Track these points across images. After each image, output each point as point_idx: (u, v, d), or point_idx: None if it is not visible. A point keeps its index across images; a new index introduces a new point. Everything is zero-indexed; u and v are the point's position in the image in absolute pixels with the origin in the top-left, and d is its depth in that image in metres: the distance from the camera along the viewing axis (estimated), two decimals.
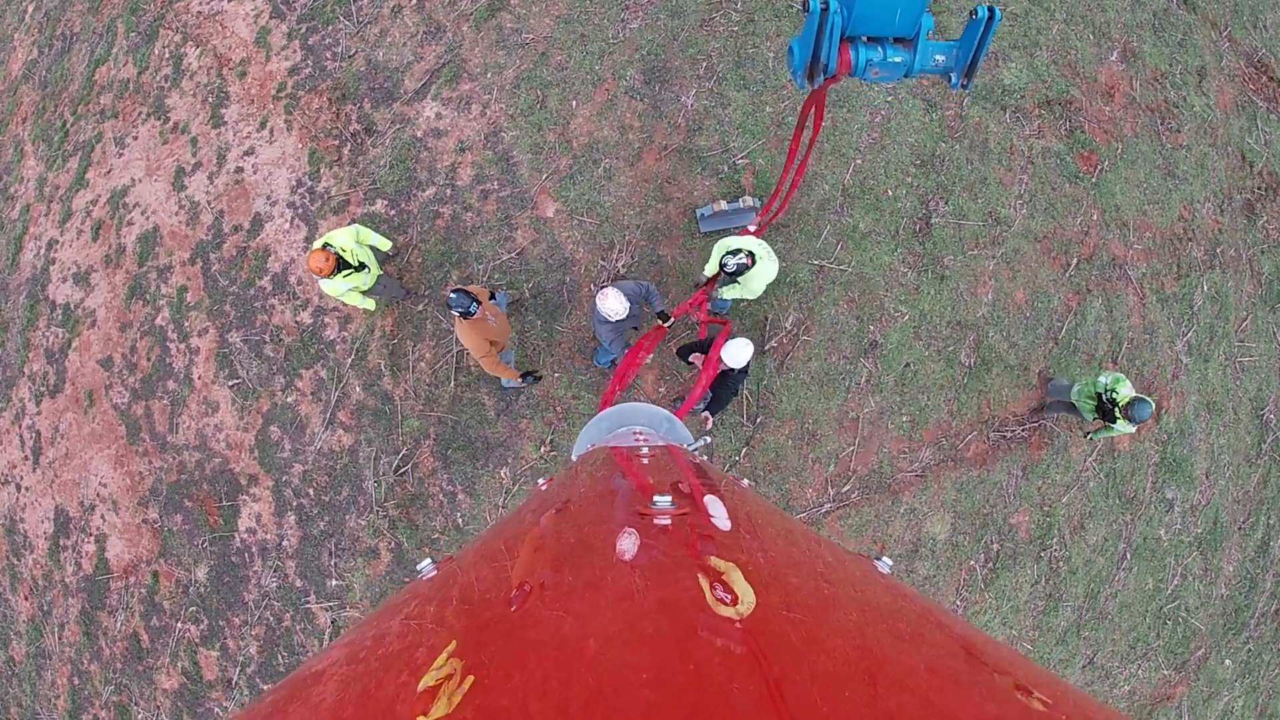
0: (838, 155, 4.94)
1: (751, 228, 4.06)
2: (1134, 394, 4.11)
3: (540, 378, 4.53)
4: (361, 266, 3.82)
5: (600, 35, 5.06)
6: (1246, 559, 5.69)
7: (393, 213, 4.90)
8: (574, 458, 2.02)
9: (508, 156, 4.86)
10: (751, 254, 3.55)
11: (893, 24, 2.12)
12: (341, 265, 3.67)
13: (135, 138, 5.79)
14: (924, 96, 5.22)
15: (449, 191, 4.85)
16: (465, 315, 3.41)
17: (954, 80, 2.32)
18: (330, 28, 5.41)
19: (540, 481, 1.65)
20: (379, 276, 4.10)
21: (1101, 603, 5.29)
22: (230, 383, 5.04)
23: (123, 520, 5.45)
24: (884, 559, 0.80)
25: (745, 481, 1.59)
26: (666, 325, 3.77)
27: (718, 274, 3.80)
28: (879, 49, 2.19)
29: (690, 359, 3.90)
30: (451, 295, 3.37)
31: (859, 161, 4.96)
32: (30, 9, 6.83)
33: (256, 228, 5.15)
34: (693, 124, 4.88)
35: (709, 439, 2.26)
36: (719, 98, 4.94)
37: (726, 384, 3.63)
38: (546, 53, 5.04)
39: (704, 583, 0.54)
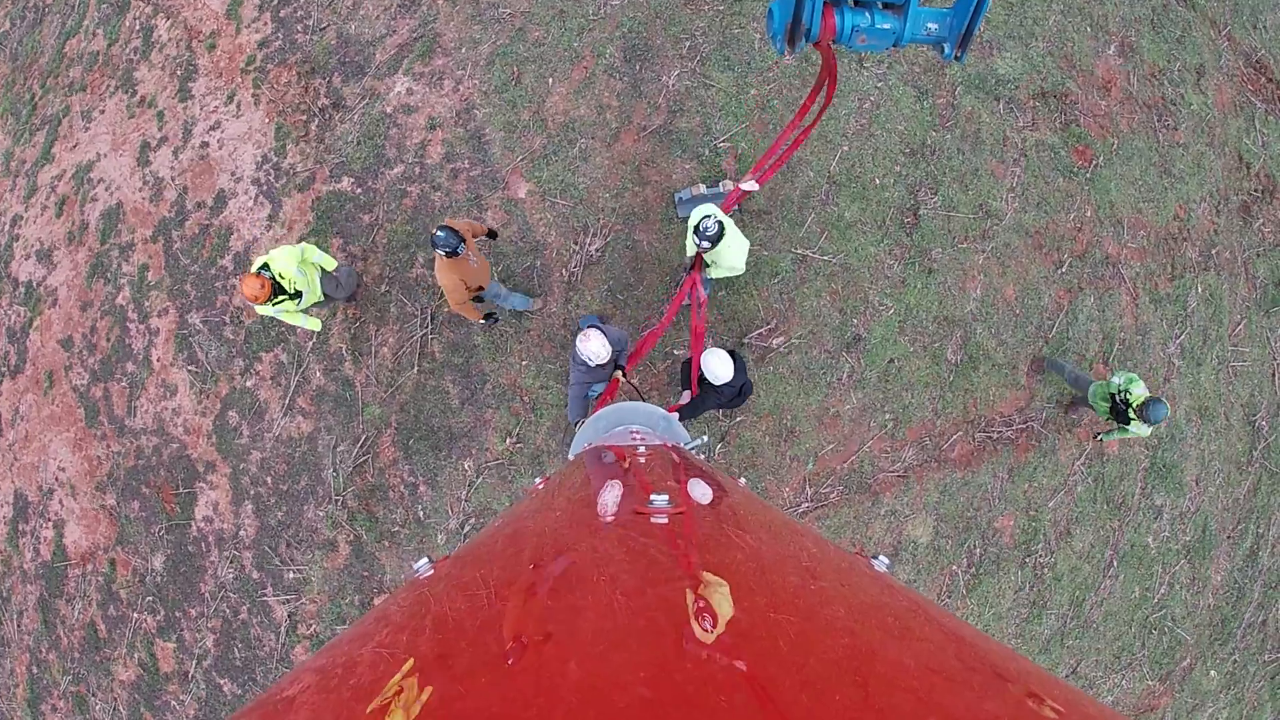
0: (824, 141, 4.59)
1: (745, 184, 3.70)
2: (1148, 394, 3.80)
3: (498, 320, 4.14)
4: (297, 295, 3.49)
5: (580, 11, 4.69)
6: (1234, 568, 5.37)
7: (359, 191, 4.55)
8: (570, 456, 1.98)
9: (479, 135, 4.51)
10: (720, 222, 3.24)
11: None
12: (277, 291, 3.36)
13: (102, 111, 5.42)
14: (915, 84, 4.87)
15: (418, 170, 4.50)
16: (451, 254, 3.13)
17: (947, 51, 2.07)
18: (302, 0, 5.05)
19: (537, 480, 1.59)
20: (333, 273, 3.77)
21: (1087, 611, 4.97)
22: (189, 366, 4.69)
23: (80, 506, 5.11)
24: (880, 558, 0.77)
25: (742, 481, 1.57)
26: (621, 379, 3.38)
27: (698, 256, 3.47)
28: (866, 15, 1.96)
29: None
30: (438, 233, 3.08)
31: (846, 148, 4.61)
32: None
33: (220, 205, 4.79)
34: (674, 105, 4.53)
35: (706, 438, 2.20)
36: (702, 79, 4.58)
37: (709, 397, 3.28)
38: (523, 28, 4.68)
39: (690, 600, 0.52)
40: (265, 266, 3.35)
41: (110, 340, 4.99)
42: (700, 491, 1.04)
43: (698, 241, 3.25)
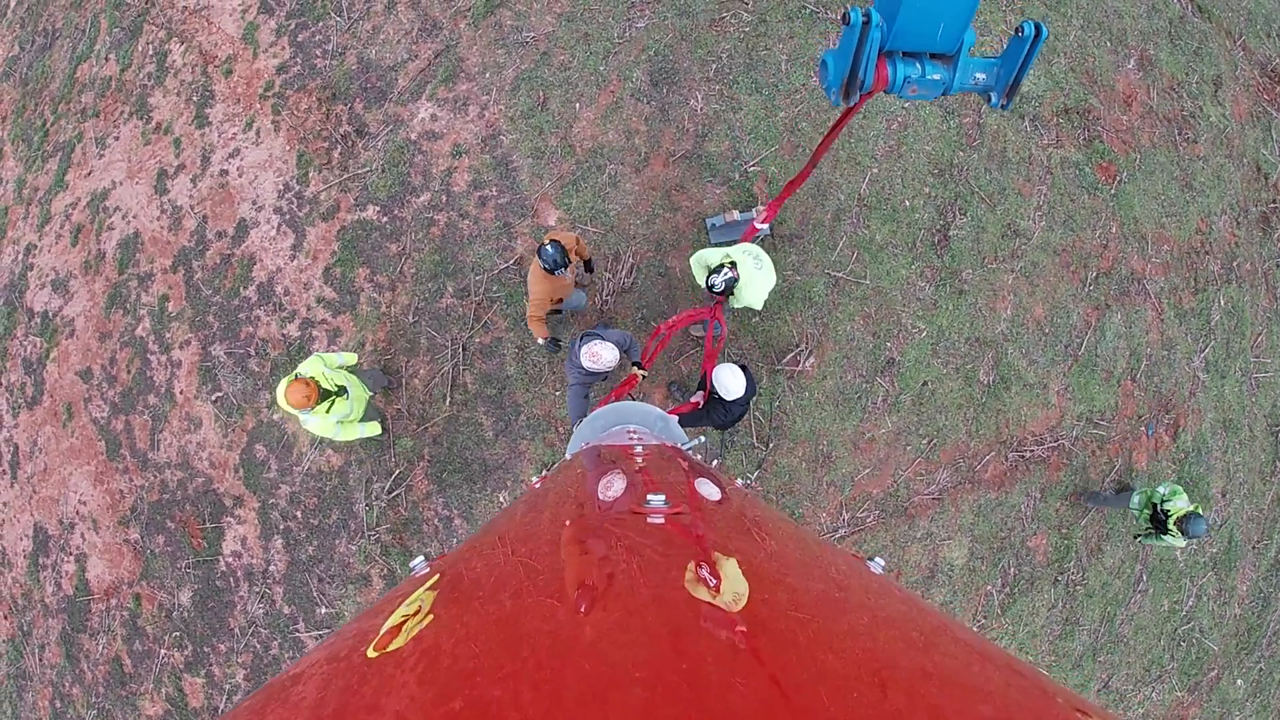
0: (854, 164, 4.47)
1: (759, 224, 3.59)
2: (1189, 507, 3.81)
3: (561, 346, 3.97)
4: (341, 390, 3.33)
5: (605, 34, 4.55)
6: (1260, 578, 5.31)
7: (385, 220, 4.39)
8: (568, 455, 1.93)
9: (507, 161, 4.36)
10: (734, 263, 3.07)
11: (934, 39, 1.88)
12: (323, 395, 3.19)
13: (116, 138, 5.24)
14: (941, 103, 4.76)
15: (444, 198, 4.35)
16: (550, 271, 3.08)
17: (994, 100, 2.08)
18: (321, 24, 4.88)
19: (534, 479, 1.58)
20: (358, 367, 3.61)
21: (1118, 626, 4.89)
22: (213, 398, 4.53)
23: (103, 540, 4.94)
24: (876, 559, 0.76)
25: (739, 481, 1.56)
26: (641, 375, 3.25)
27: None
28: (917, 65, 1.95)
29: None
30: (548, 247, 3.02)
31: (875, 170, 4.50)
32: (12, 4, 6.23)
33: (241, 234, 4.63)
34: (702, 129, 4.40)
35: (704, 438, 2.20)
36: (730, 101, 4.45)
37: (716, 412, 3.15)
38: (548, 52, 4.53)
39: (690, 569, 0.51)
40: (297, 375, 3.18)
41: (131, 372, 4.81)
42: (708, 490, 0.99)
43: (708, 289, 3.09)
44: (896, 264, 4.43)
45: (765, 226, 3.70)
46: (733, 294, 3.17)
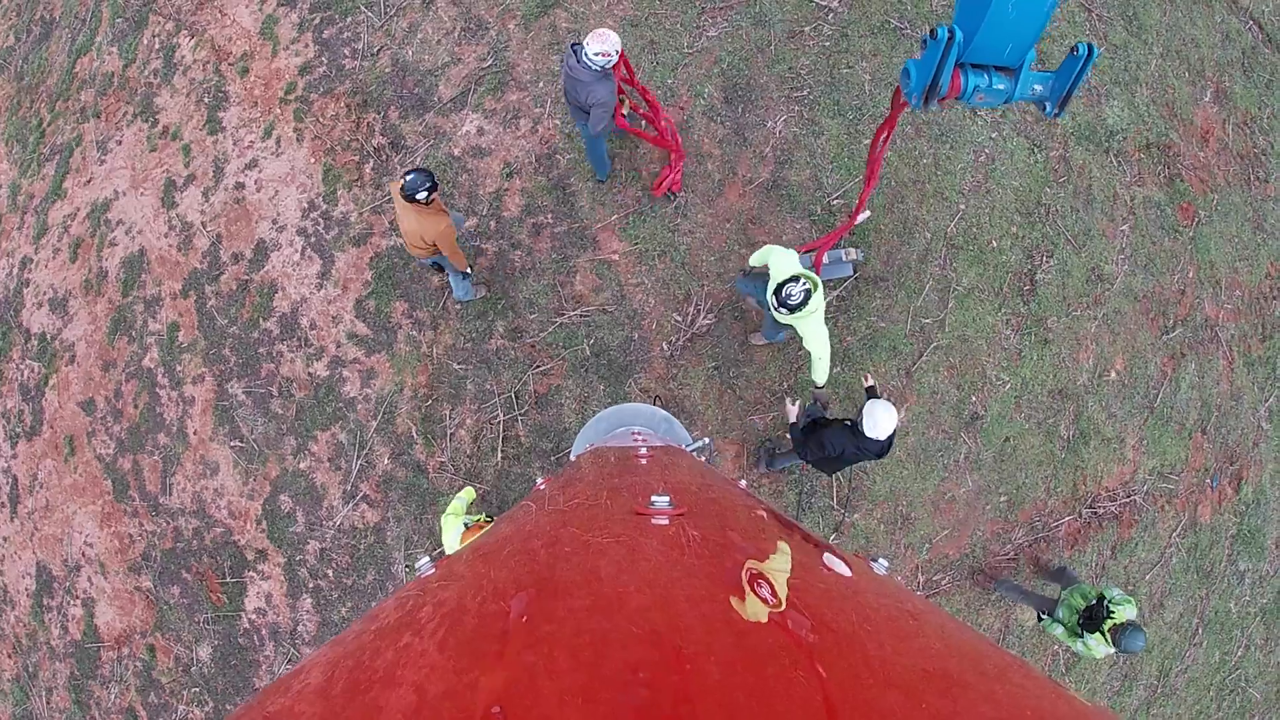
0: (940, 199, 3.70)
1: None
2: (1133, 619, 2.92)
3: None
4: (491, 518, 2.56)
5: (673, 43, 3.68)
6: None
7: None
8: (573, 457, 1.82)
9: (564, 184, 3.50)
10: (807, 290, 2.37)
11: (1002, 55, 2.02)
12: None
13: (119, 142, 4.25)
14: (1027, 134, 3.99)
15: (493, 224, 3.49)
16: (410, 198, 2.47)
17: (1048, 109, 2.17)
18: (349, 19, 3.92)
19: (539, 481, 1.47)
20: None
21: (1172, 679, 4.35)
22: (232, 442, 3.68)
23: (112, 586, 4.11)
24: (880, 560, 0.70)
25: (743, 482, 1.54)
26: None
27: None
28: (985, 76, 2.05)
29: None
30: (410, 174, 2.43)
31: (963, 207, 3.73)
32: None
33: (260, 257, 3.73)
34: (781, 155, 3.57)
35: (708, 440, 1.94)
36: (810, 125, 3.63)
37: (838, 440, 2.48)
38: None
39: (744, 572, 0.47)
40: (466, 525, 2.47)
41: (138, 407, 3.93)
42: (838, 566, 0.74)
43: (775, 305, 2.39)
44: (983, 310, 3.70)
45: (858, 255, 3.23)
46: (801, 310, 2.40)
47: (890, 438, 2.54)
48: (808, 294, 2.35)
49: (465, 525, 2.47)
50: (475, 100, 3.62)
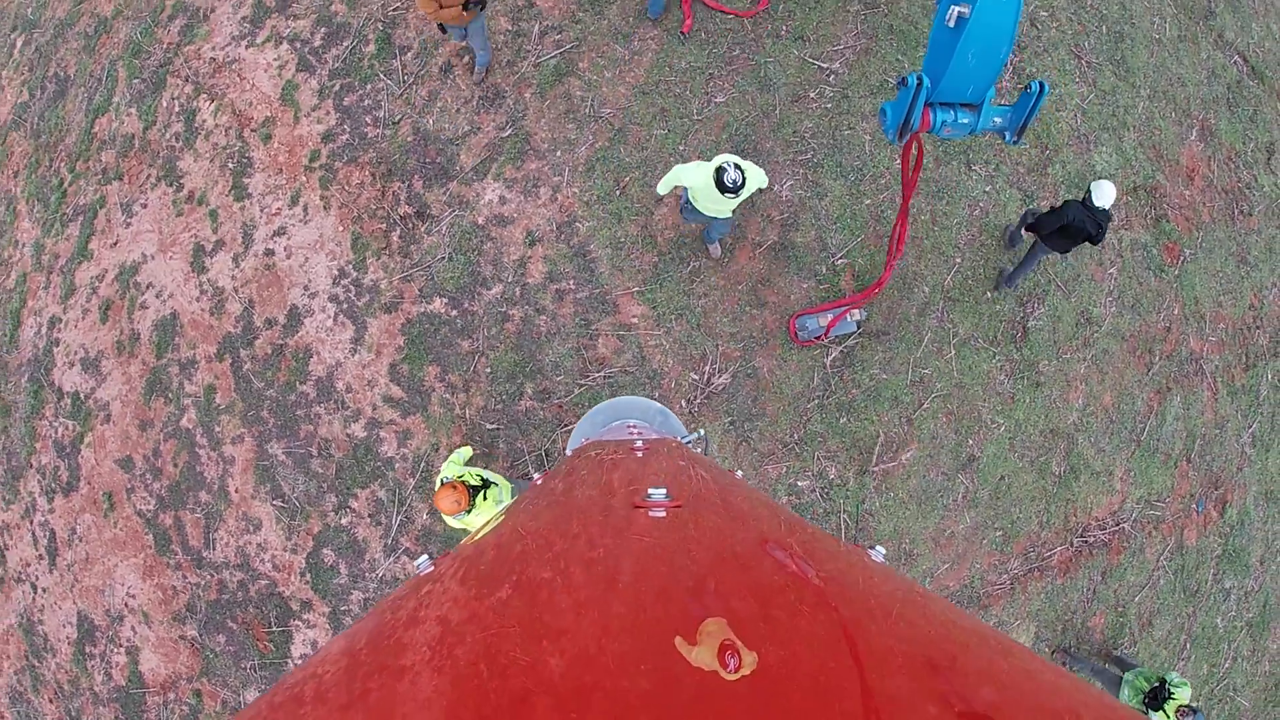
0: (938, 254, 4.12)
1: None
2: (1193, 702, 3.61)
3: (447, 32, 3.56)
4: (486, 484, 2.96)
5: (683, 110, 4.06)
6: None
7: (454, 313, 3.92)
8: (568, 452, 1.91)
9: (584, 251, 3.90)
10: (735, 164, 2.85)
11: (965, 95, 2.45)
12: (473, 492, 2.85)
13: (144, 205, 4.59)
14: (1020, 185, 4.41)
15: (518, 291, 3.89)
16: None
17: (1008, 137, 2.62)
18: (369, 86, 4.27)
19: (536, 476, 1.54)
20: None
21: None
22: (274, 500, 4.08)
23: (156, 634, 4.51)
24: (877, 548, 0.73)
25: (739, 472, 1.52)
26: None
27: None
28: (951, 112, 2.50)
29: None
30: None
31: (959, 260, 4.16)
32: (19, 43, 5.40)
33: (294, 323, 4.11)
34: (787, 217, 3.98)
35: (702, 432, 2.09)
36: (814, 187, 4.03)
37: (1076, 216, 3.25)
38: (623, 128, 4.03)
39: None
40: (445, 480, 2.84)
41: (178, 465, 4.32)
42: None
43: (722, 193, 2.84)
44: (978, 358, 4.14)
45: (858, 313, 3.75)
46: (744, 188, 2.91)
47: (1108, 214, 3.20)
48: (742, 173, 2.82)
49: (442, 481, 2.86)
50: (496, 169, 4.00)
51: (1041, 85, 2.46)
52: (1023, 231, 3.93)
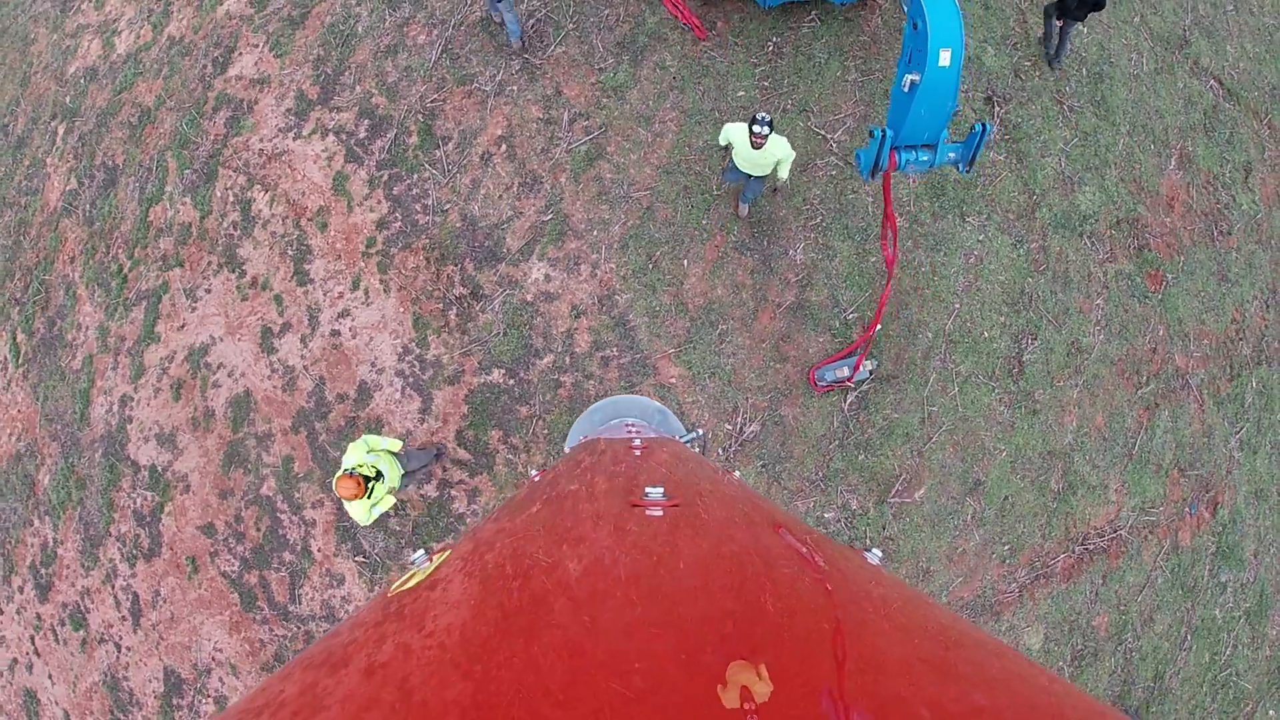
0: (939, 301, 5.19)
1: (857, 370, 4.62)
2: None
3: None
4: (378, 475, 3.98)
5: (703, 186, 5.11)
6: None
7: (511, 382, 4.96)
8: (566, 449, 2.03)
9: (624, 321, 4.95)
10: (769, 119, 3.95)
11: (923, 138, 3.45)
12: (366, 481, 3.88)
13: (208, 290, 5.60)
14: (1010, 231, 5.48)
15: (568, 359, 4.94)
16: None
17: (960, 169, 3.59)
18: (415, 176, 5.29)
19: (534, 473, 1.68)
20: (400, 453, 4.32)
21: (1167, 681, 5.97)
22: (355, 557, 5.12)
23: (244, 683, 5.54)
24: (874, 550, 0.85)
25: (736, 473, 1.63)
26: None
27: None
28: (913, 152, 3.51)
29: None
30: None
31: (958, 306, 5.23)
32: (61, 131, 6.38)
33: (364, 397, 5.14)
34: (802, 279, 5.04)
35: (700, 431, 2.20)
36: (825, 249, 5.09)
37: None
38: (651, 207, 5.08)
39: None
40: (347, 470, 3.80)
41: (260, 529, 5.34)
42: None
43: (753, 142, 4.00)
44: (979, 393, 5.22)
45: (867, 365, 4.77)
46: (772, 131, 4.04)
47: None
48: (770, 123, 3.92)
49: (348, 472, 3.75)
50: (540, 250, 5.04)
51: (984, 126, 3.39)
52: (1055, 21, 5.45)
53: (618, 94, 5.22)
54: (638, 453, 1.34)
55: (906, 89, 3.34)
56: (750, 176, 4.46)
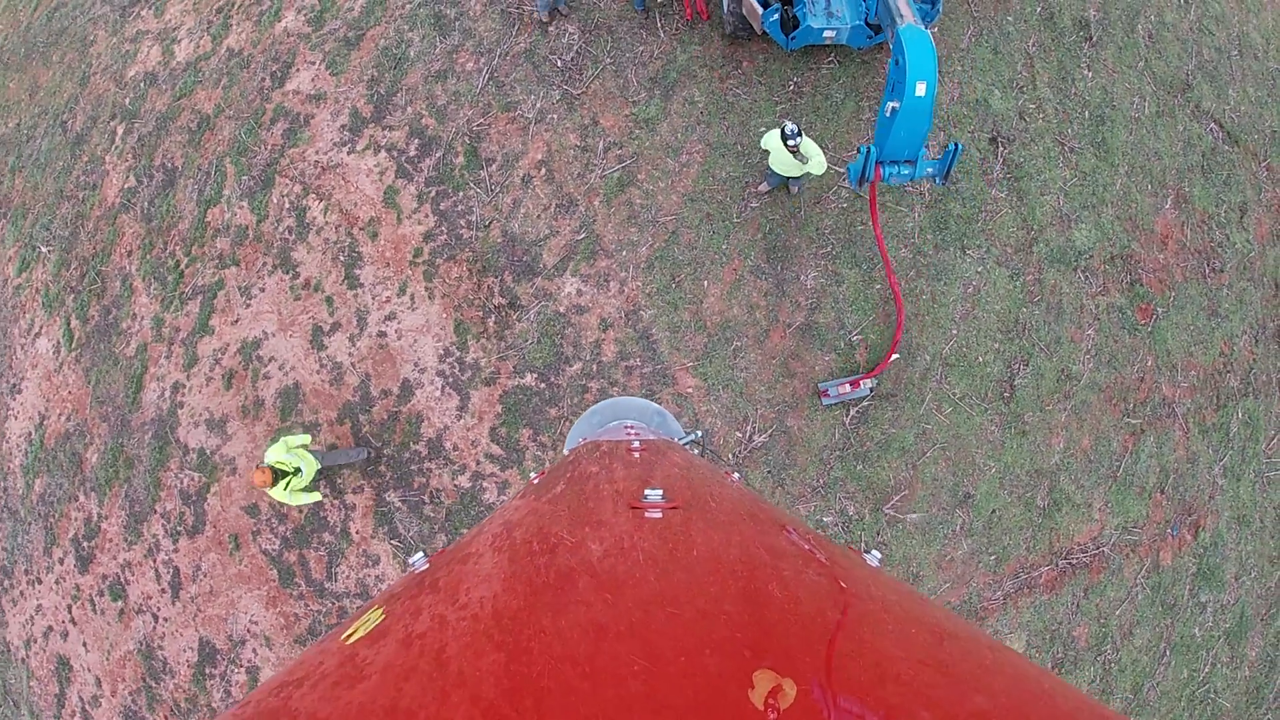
0: (937, 328, 6.10)
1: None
2: None
3: None
4: (297, 471, 5.12)
5: (724, 214, 6.04)
6: (1268, 644, 7.30)
7: (543, 386, 5.89)
8: (565, 451, 2.16)
9: (648, 334, 5.88)
10: (797, 127, 4.90)
11: (904, 154, 4.45)
12: (279, 475, 5.03)
13: (263, 289, 6.56)
14: (1008, 264, 6.39)
15: (595, 367, 5.86)
16: None
17: (937, 181, 4.55)
18: (461, 194, 6.24)
19: (533, 475, 1.78)
20: (312, 448, 5.44)
21: (1145, 694, 6.82)
22: (391, 540, 6.03)
23: (277, 655, 6.45)
24: (873, 552, 0.90)
25: (736, 475, 1.75)
26: None
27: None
28: (895, 166, 4.52)
29: None
30: None
31: (955, 332, 6.14)
32: (120, 131, 7.37)
33: (406, 394, 6.07)
34: (812, 302, 5.96)
35: (700, 433, 2.43)
36: (834, 276, 6.02)
37: None
38: (676, 231, 6.01)
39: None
40: (263, 465, 5.02)
41: (303, 512, 6.27)
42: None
43: (787, 145, 4.93)
44: (972, 413, 6.11)
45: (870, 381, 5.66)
46: (800, 137, 4.95)
47: None
48: (798, 131, 4.85)
49: (261, 465, 4.97)
50: (573, 267, 5.97)
51: (957, 145, 4.32)
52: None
53: (649, 126, 6.17)
54: (636, 455, 1.44)
55: (889, 114, 4.36)
56: (788, 177, 5.53)
